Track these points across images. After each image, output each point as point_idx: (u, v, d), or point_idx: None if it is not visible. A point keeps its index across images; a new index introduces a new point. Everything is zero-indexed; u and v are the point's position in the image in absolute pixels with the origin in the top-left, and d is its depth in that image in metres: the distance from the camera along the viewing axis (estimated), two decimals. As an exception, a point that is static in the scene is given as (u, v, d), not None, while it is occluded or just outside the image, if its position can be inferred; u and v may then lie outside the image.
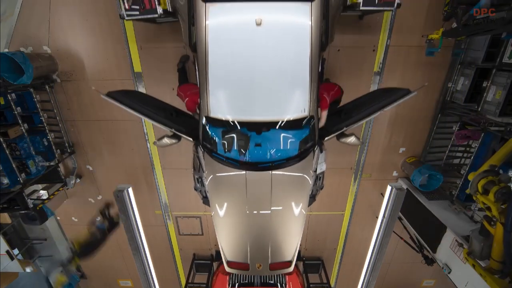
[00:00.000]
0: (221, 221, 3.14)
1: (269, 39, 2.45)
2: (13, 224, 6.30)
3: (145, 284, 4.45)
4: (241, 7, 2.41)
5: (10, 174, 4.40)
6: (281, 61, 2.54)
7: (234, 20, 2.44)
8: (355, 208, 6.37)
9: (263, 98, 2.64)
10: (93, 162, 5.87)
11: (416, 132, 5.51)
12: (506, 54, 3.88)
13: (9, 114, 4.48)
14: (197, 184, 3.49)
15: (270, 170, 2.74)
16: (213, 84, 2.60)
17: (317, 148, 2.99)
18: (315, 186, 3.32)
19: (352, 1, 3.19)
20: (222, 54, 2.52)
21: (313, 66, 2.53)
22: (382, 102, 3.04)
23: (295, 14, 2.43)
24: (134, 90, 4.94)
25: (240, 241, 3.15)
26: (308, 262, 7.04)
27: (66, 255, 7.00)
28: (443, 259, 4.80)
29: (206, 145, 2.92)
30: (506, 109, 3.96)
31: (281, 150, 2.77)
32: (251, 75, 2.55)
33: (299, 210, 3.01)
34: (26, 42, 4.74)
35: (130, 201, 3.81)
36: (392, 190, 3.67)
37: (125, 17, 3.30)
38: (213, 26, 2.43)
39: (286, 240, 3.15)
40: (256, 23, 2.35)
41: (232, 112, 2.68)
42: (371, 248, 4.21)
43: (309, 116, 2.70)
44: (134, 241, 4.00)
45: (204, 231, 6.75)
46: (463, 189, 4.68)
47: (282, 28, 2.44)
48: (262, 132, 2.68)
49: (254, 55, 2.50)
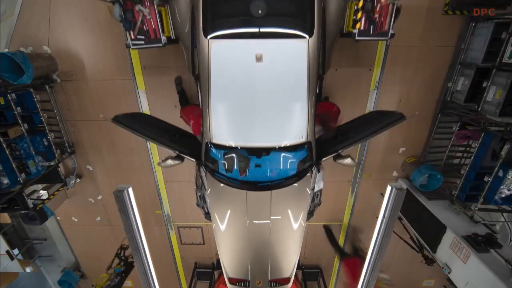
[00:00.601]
0: (222, 238, 3.31)
1: (269, 73, 2.58)
2: (13, 224, 6.31)
3: (145, 284, 4.45)
4: (242, 44, 2.54)
5: (10, 174, 4.39)
6: (280, 94, 2.69)
7: (235, 56, 2.58)
8: (355, 207, 6.37)
9: (263, 127, 2.79)
10: (93, 162, 5.88)
11: (416, 132, 5.51)
12: (506, 54, 3.88)
13: (9, 114, 4.48)
14: (199, 201, 3.66)
15: (270, 190, 2.88)
16: (215, 113, 2.75)
17: (315, 168, 3.14)
18: (313, 203, 3.49)
19: (348, 30, 3.34)
20: (223, 86, 2.67)
21: (311, 97, 2.70)
22: (377, 126, 3.17)
23: (293, 50, 2.57)
24: (139, 112, 5.10)
25: (241, 258, 3.30)
26: (307, 270, 7.19)
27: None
28: (443, 259, 4.80)
29: (208, 165, 3.07)
30: (506, 109, 3.95)
31: (280, 171, 2.93)
32: (251, 106, 2.69)
33: (298, 228, 3.16)
34: (26, 42, 4.74)
35: (130, 201, 3.79)
36: (392, 190, 3.65)
37: (131, 46, 3.39)
38: (215, 61, 2.57)
39: (285, 257, 3.30)
40: (256, 59, 2.49)
41: (233, 139, 2.84)
42: (371, 248, 4.20)
43: (306, 141, 2.86)
44: (134, 241, 3.98)
45: (205, 241, 6.91)
46: (463, 189, 4.68)
47: (281, 63, 2.59)
48: (262, 156, 2.85)
49: (254, 88, 2.63)
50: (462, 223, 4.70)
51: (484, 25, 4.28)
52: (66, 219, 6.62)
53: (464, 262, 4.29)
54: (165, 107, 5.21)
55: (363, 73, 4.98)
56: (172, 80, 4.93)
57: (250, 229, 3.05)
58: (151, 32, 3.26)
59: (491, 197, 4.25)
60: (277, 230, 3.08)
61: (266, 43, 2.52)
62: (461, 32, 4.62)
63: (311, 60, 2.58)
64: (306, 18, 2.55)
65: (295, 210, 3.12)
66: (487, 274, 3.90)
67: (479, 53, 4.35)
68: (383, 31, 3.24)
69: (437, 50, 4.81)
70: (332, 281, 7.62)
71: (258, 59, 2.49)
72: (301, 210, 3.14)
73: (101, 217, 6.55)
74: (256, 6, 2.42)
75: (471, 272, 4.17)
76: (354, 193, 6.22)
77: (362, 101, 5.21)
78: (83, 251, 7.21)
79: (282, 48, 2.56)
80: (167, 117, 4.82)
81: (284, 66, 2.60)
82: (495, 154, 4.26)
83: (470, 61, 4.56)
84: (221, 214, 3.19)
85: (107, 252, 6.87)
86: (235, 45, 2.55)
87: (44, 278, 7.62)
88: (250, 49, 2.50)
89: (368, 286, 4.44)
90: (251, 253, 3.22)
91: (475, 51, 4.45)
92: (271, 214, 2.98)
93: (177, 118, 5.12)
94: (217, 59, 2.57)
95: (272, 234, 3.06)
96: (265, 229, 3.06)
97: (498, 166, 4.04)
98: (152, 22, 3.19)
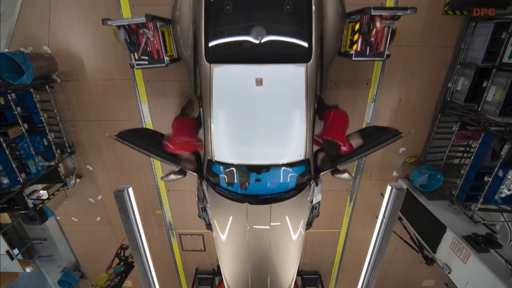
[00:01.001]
0: (224, 251, 3.47)
1: (268, 96, 2.71)
2: (13, 224, 6.31)
3: (145, 284, 4.45)
4: (243, 69, 2.66)
5: (10, 174, 4.39)
6: (279, 115, 2.81)
7: (236, 80, 2.70)
8: (355, 208, 6.37)
9: (263, 146, 2.90)
10: (93, 162, 5.87)
11: (416, 132, 5.51)
12: (506, 54, 3.88)
13: (9, 114, 4.48)
14: (201, 213, 3.79)
15: (269, 203, 2.98)
16: (216, 133, 2.87)
17: (313, 182, 3.27)
18: (311, 214, 3.61)
19: (345, 50, 3.45)
20: (225, 108, 2.80)
21: (309, 117, 2.82)
22: (373, 143, 3.29)
23: (292, 75, 2.69)
24: (142, 127, 5.21)
25: (242, 272, 3.42)
26: (306, 276, 7.29)
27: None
28: (443, 259, 4.80)
29: (209, 179, 3.18)
30: (506, 109, 3.96)
31: (280, 185, 3.05)
32: (252, 127, 2.81)
33: (296, 240, 3.29)
34: (26, 42, 4.74)
35: (130, 201, 3.80)
36: (392, 190, 3.65)
37: (135, 66, 3.46)
38: (217, 84, 2.69)
39: (284, 270, 3.43)
40: (256, 82, 2.61)
41: (234, 157, 2.96)
42: (371, 248, 4.20)
43: (305, 159, 2.98)
44: (134, 241, 3.99)
45: (207, 248, 7.01)
46: (463, 189, 4.68)
47: (280, 87, 2.71)
48: (262, 172, 2.98)
49: (254, 110, 2.75)
50: (462, 223, 4.70)
51: (484, 25, 4.28)
52: (66, 219, 6.62)
53: (464, 262, 4.29)
54: (168, 119, 5.23)
55: (360, 87, 5.06)
56: (174, 92, 5.03)
57: (250, 242, 3.16)
58: (154, 52, 3.33)
59: (491, 197, 4.25)
60: (276, 243, 3.20)
61: (265, 68, 2.63)
62: (461, 32, 4.62)
63: (309, 83, 2.70)
64: (304, 48, 2.66)
65: (294, 223, 3.22)
66: (487, 274, 3.90)
67: (479, 53, 4.36)
68: (379, 51, 3.33)
69: (437, 50, 4.81)
70: (331, 286, 7.71)
71: (258, 82, 2.61)
72: (300, 223, 3.25)
73: (101, 217, 6.55)
74: (256, 33, 2.55)
75: (471, 272, 4.17)
76: (352, 202, 6.32)
77: (360, 114, 5.30)
78: (83, 251, 7.21)
79: (282, 72, 2.68)
80: (170, 130, 4.87)
81: (283, 89, 2.72)
82: (495, 154, 4.26)
83: (470, 61, 4.56)
84: (222, 226, 3.31)
85: (107, 252, 6.87)
86: (236, 70, 2.68)
87: (44, 278, 7.62)
88: (251, 73, 2.62)
89: (368, 286, 4.44)
90: (251, 266, 3.35)
91: (475, 51, 4.45)
92: (270, 227, 3.09)
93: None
94: (218, 83, 2.69)
95: (272, 247, 3.18)
96: (265, 243, 3.19)
97: (498, 166, 4.04)
98: (156, 43, 3.27)
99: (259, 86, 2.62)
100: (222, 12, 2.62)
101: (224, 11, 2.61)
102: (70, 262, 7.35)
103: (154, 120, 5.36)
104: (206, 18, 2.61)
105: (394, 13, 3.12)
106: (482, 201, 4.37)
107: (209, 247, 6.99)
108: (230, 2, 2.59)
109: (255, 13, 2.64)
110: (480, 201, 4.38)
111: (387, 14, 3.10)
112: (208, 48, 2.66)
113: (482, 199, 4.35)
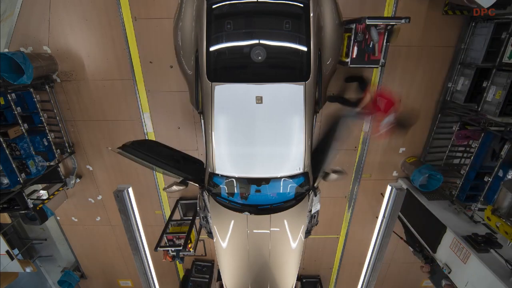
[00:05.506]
0: (224, 260, 3.59)
1: (268, 113, 2.81)
2: (13, 224, 6.32)
3: (145, 284, 4.45)
4: (244, 88, 2.74)
5: (10, 174, 4.39)
6: (279, 131, 2.92)
7: (237, 98, 2.79)
8: (354, 209, 6.38)
9: (263, 160, 3.00)
10: (93, 162, 5.88)
11: (416, 132, 5.50)
12: (506, 54, 3.88)
13: (9, 114, 4.47)
14: (202, 221, 3.87)
15: (269, 214, 3.09)
16: (217, 148, 2.96)
17: (312, 192, 3.35)
18: (310, 223, 3.69)
19: (342, 59, 3.57)
20: (226, 124, 2.89)
21: (308, 133, 2.92)
22: (336, 132, 3.32)
23: (291, 94, 2.79)
24: (145, 139, 5.28)
25: (242, 279, 3.54)
26: (306, 280, 7.36)
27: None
28: (443, 259, 4.80)
29: (211, 189, 3.25)
30: (506, 109, 3.96)
31: (279, 195, 3.12)
32: (252, 142, 2.91)
33: (295, 249, 3.38)
34: (26, 42, 4.74)
35: (130, 201, 3.80)
36: (392, 190, 3.66)
37: None
38: (218, 102, 2.79)
39: (283, 278, 3.53)
40: (256, 100, 2.72)
41: (235, 171, 3.04)
42: (371, 248, 4.20)
43: (303, 172, 3.06)
44: (134, 241, 3.99)
45: (207, 252, 7.15)
46: (463, 189, 4.68)
47: (280, 105, 2.81)
48: (262, 184, 3.05)
49: (254, 126, 2.85)
50: (462, 223, 4.70)
51: (484, 25, 4.28)
52: (66, 219, 6.62)
53: (464, 262, 4.29)
54: (170, 130, 5.40)
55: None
56: (176, 101, 5.11)
57: (250, 251, 3.27)
58: None
59: (491, 197, 4.25)
60: (276, 252, 3.29)
61: (265, 87, 2.73)
62: (461, 32, 4.62)
63: (308, 100, 2.80)
64: (303, 67, 2.75)
65: (293, 232, 3.31)
66: (487, 274, 3.90)
67: (479, 53, 4.35)
68: (376, 58, 3.45)
69: (437, 50, 4.81)
70: (331, 287, 7.75)
71: (259, 100, 2.72)
72: (299, 232, 3.34)
73: (101, 217, 6.55)
74: (256, 53, 2.64)
75: (471, 272, 4.17)
76: (350, 209, 6.35)
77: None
78: (83, 251, 7.21)
79: (281, 91, 2.78)
80: (171, 139, 5.17)
81: (283, 107, 2.83)
82: (495, 154, 4.26)
83: (470, 61, 4.56)
84: (223, 235, 3.39)
85: (107, 252, 6.88)
86: (237, 88, 2.77)
87: (44, 278, 7.63)
88: (251, 92, 2.73)
89: (368, 286, 4.44)
90: (251, 274, 3.45)
91: (475, 51, 4.45)
92: (270, 236, 3.19)
93: (181, 140, 5.48)
94: (220, 100, 2.78)
95: (271, 256, 3.28)
96: (264, 252, 3.28)
97: (498, 166, 4.04)
98: None
99: (259, 104, 2.73)
100: (222, 31, 2.68)
101: (225, 30, 2.68)
102: (70, 262, 7.36)
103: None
104: (208, 38, 2.67)
105: (388, 22, 3.24)
106: (482, 201, 4.37)
107: (210, 253, 7.14)
108: (230, 21, 2.65)
109: (255, 32, 2.71)
110: (480, 201, 4.38)
111: (382, 23, 3.24)
112: (209, 67, 2.74)
113: (482, 199, 4.34)
